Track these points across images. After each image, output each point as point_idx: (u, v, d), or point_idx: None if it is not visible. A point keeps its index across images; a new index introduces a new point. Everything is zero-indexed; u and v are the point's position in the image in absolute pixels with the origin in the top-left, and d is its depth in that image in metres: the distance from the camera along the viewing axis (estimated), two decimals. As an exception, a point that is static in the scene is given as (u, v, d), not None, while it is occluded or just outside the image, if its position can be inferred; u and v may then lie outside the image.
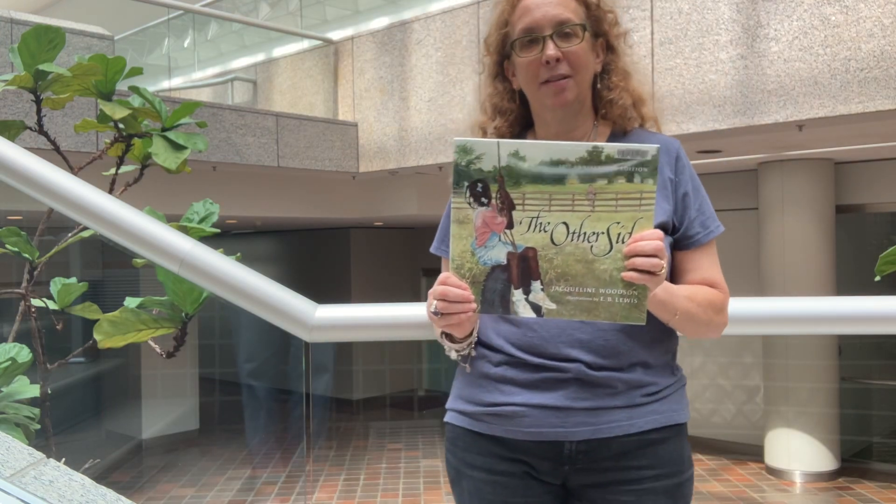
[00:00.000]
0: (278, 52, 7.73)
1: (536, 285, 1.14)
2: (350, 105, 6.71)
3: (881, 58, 3.96)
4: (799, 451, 6.23)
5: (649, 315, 1.22)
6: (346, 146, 6.55)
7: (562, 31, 1.32)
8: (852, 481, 6.18)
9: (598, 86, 1.40)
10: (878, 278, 1.56)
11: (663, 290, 1.23)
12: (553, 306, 1.14)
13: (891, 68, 3.94)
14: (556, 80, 1.32)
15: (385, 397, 10.07)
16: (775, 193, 6.31)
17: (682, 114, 4.65)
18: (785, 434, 6.29)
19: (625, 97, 1.39)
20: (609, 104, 1.39)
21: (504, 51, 1.41)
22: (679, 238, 1.35)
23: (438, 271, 1.32)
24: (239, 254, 1.75)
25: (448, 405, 1.43)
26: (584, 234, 1.12)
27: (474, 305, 1.16)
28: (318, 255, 10.41)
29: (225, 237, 10.16)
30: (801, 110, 4.22)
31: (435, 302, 1.19)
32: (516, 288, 1.14)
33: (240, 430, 8.92)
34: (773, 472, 6.37)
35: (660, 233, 1.13)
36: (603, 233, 1.12)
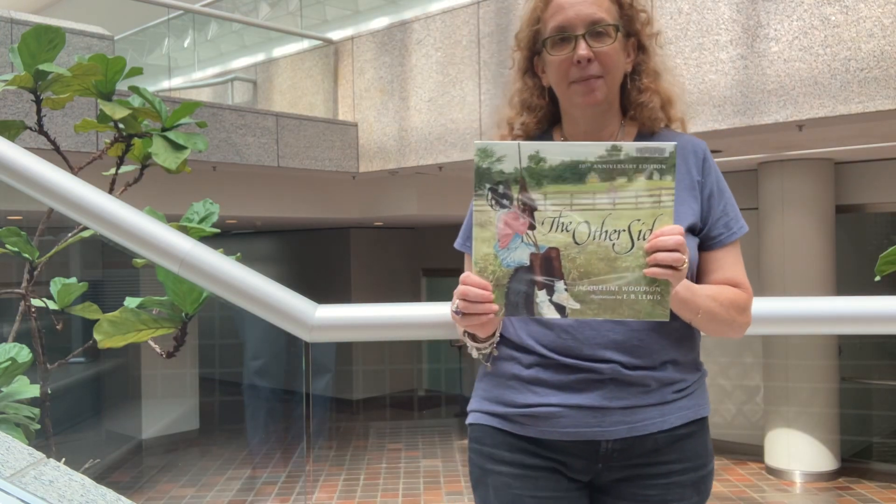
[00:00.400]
0: (278, 52, 7.73)
1: (560, 285, 1.14)
2: (350, 105, 6.71)
3: (881, 58, 3.96)
4: (799, 451, 6.23)
5: (676, 314, 1.24)
6: (346, 146, 6.55)
7: (594, 30, 1.31)
8: (852, 481, 6.18)
9: (629, 86, 1.39)
10: (878, 278, 1.56)
11: (685, 288, 1.23)
12: (577, 306, 1.14)
13: (891, 68, 3.94)
14: (586, 79, 1.32)
15: (385, 397, 10.07)
16: (775, 193, 6.31)
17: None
18: (785, 434, 6.29)
19: (654, 99, 1.39)
20: (639, 106, 1.39)
21: (535, 47, 1.40)
22: (703, 238, 1.36)
23: (438, 271, 1.32)
24: (239, 254, 1.75)
25: (472, 407, 1.42)
26: (606, 232, 1.13)
27: (495, 307, 1.16)
28: (318, 255, 10.40)
29: (225, 237, 10.15)
30: (801, 110, 4.22)
31: (457, 301, 1.19)
32: (540, 289, 1.14)
33: (240, 430, 8.92)
34: (773, 472, 6.37)
35: (680, 228, 1.14)
36: (624, 230, 1.13)
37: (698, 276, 1.36)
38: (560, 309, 1.14)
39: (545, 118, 1.45)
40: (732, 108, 4.47)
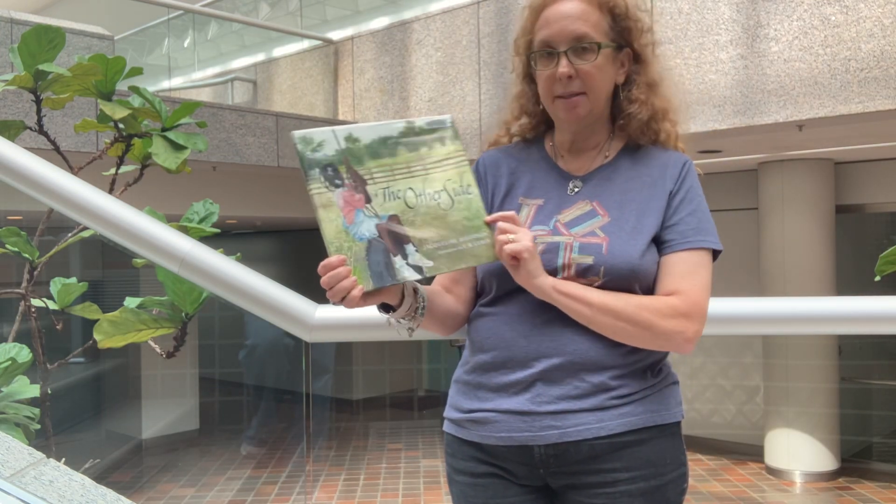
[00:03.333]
0: (278, 52, 7.73)
1: (410, 248, 1.21)
2: (350, 105, 6.71)
3: (881, 58, 3.96)
4: (799, 451, 6.22)
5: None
6: (346, 146, 6.54)
7: (578, 47, 1.31)
8: (852, 481, 6.18)
9: (620, 96, 1.38)
10: (878, 278, 1.56)
11: (554, 287, 1.26)
12: (430, 263, 1.21)
13: (891, 68, 3.94)
14: (569, 96, 1.33)
15: (385, 397, 10.07)
16: (775, 193, 6.31)
17: (682, 114, 4.65)
18: (785, 434, 6.29)
19: (643, 111, 1.37)
20: (627, 117, 1.38)
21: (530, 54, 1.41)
22: (659, 242, 1.33)
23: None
24: (239, 254, 1.75)
25: (444, 413, 1.45)
26: (429, 193, 1.23)
27: (354, 278, 1.17)
28: (318, 255, 10.37)
29: (225, 237, 10.11)
30: (801, 110, 4.22)
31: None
32: (395, 255, 1.20)
33: (240, 430, 8.91)
34: (773, 472, 6.37)
35: (510, 213, 1.25)
36: (442, 190, 1.24)
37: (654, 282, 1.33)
38: (418, 269, 1.20)
39: (541, 123, 1.46)
40: (732, 108, 4.47)
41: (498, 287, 1.33)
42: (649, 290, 1.32)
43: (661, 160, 1.38)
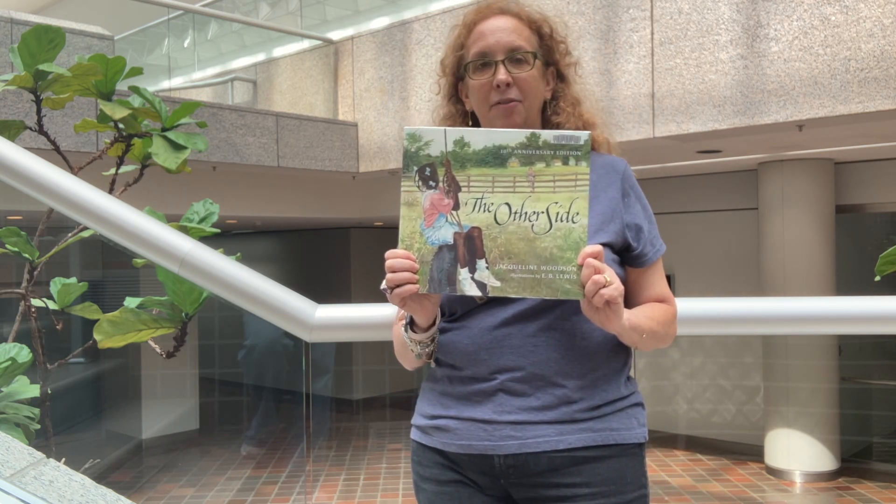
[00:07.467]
0: (278, 52, 7.73)
1: (481, 263, 1.19)
2: (350, 105, 6.71)
3: (881, 58, 3.96)
4: (799, 451, 6.23)
5: (592, 335, 1.30)
6: (346, 146, 6.55)
7: (513, 57, 1.37)
8: (852, 481, 6.18)
9: (548, 112, 1.44)
10: (878, 278, 1.56)
11: (630, 314, 1.27)
12: (497, 284, 1.19)
13: (891, 68, 3.94)
14: (505, 102, 1.36)
15: (385, 397, 10.07)
16: (775, 193, 6.31)
17: (682, 114, 4.65)
18: (785, 434, 6.29)
19: (572, 122, 1.43)
20: (556, 127, 1.42)
21: (459, 72, 1.45)
22: (634, 256, 1.37)
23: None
24: (239, 254, 1.75)
25: (411, 420, 1.46)
26: (526, 213, 1.19)
27: (416, 277, 1.19)
28: (318, 255, 10.40)
29: (225, 237, 10.14)
30: (801, 110, 4.22)
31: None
32: (462, 267, 1.19)
33: (240, 430, 8.91)
34: (773, 472, 6.37)
35: (598, 248, 1.17)
36: (543, 212, 1.19)
37: (629, 292, 1.36)
38: (481, 287, 1.19)
39: None
40: (732, 108, 4.47)
41: (462, 307, 1.35)
42: None
43: (598, 163, 1.39)
